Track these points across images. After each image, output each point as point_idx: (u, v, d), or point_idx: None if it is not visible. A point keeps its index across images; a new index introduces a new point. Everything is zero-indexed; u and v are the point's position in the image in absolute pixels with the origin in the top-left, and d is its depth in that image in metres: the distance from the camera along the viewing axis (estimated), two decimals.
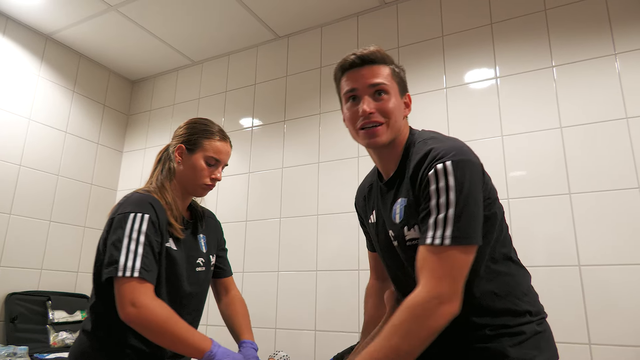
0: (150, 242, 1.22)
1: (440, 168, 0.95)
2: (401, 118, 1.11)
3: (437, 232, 0.91)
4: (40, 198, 2.72)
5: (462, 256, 0.91)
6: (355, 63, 1.09)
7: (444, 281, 0.89)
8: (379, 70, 1.08)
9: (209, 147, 1.39)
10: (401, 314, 0.90)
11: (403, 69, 1.16)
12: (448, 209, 0.92)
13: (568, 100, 1.92)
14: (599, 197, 1.78)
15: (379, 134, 1.06)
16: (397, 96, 1.10)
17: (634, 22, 1.87)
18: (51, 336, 2.52)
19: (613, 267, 1.69)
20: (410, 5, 2.42)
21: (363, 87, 1.08)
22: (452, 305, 0.89)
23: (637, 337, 1.60)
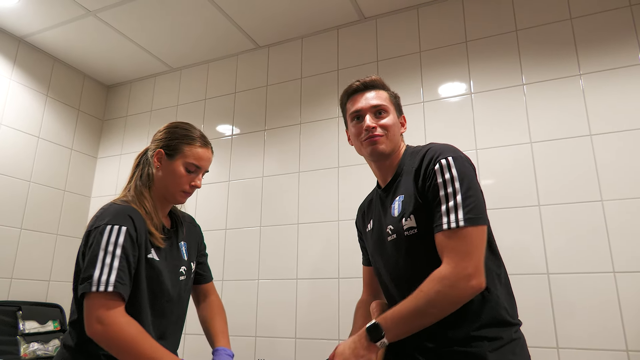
0: (127, 256, 1.19)
1: (444, 163, 1.11)
2: (399, 134, 1.30)
3: (450, 217, 1.04)
4: (10, 205, 2.64)
5: (477, 234, 1.03)
6: (359, 88, 1.31)
7: (467, 258, 1.00)
8: (379, 94, 1.29)
9: (190, 153, 1.35)
10: (430, 282, 1.01)
11: (398, 96, 1.37)
12: (456, 196, 1.06)
13: (537, 117, 2.04)
14: (565, 209, 1.89)
15: (380, 142, 1.24)
16: (395, 116, 1.30)
17: (598, 46, 2.01)
18: (22, 347, 2.44)
19: (578, 275, 1.81)
20: (390, 21, 2.50)
21: (366, 107, 1.27)
22: (479, 280, 1.00)
23: (601, 340, 1.71)
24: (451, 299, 1.00)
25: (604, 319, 1.73)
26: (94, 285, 1.13)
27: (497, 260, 1.17)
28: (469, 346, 1.04)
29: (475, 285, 1.00)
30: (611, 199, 1.82)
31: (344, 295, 2.20)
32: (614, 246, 1.78)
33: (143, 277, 1.26)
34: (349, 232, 2.23)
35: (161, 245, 1.31)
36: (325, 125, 2.50)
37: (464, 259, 1.00)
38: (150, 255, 1.28)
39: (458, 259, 1.00)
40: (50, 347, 2.55)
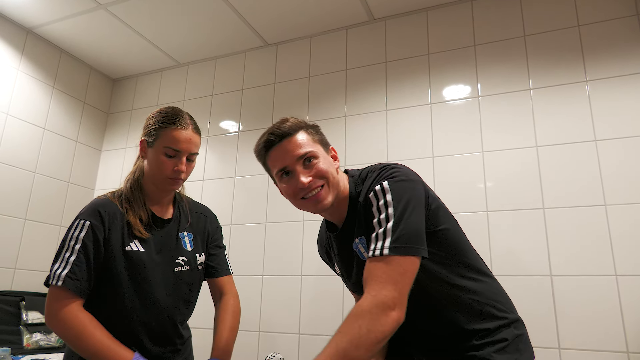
0: (85, 251, 1.20)
1: (378, 189, 1.04)
2: (335, 173, 1.14)
3: (377, 244, 0.97)
4: (15, 195, 2.64)
5: (403, 265, 0.94)
6: (274, 141, 1.13)
7: (387, 286, 0.91)
8: (300, 141, 1.12)
9: (166, 137, 1.29)
10: (348, 320, 0.91)
11: (317, 126, 1.21)
12: (387, 222, 0.98)
13: (543, 121, 2.07)
14: (569, 213, 1.92)
15: (323, 197, 1.10)
16: (324, 154, 1.15)
17: (604, 53, 2.04)
18: (25, 337, 2.45)
19: (581, 278, 1.84)
20: (399, 23, 2.53)
21: (292, 161, 1.11)
22: (397, 312, 0.91)
23: (602, 342, 1.75)
24: (374, 334, 0.88)
25: (606, 320, 1.76)
26: (51, 278, 1.17)
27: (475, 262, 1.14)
28: (476, 350, 1.04)
29: (394, 317, 0.90)
30: (614, 204, 1.86)
31: (348, 291, 2.22)
32: (617, 250, 1.81)
33: (122, 268, 1.25)
34: None
35: (143, 235, 1.29)
36: (332, 124, 2.52)
37: (384, 287, 0.91)
38: (129, 247, 1.27)
39: (378, 288, 0.91)
40: (53, 338, 2.55)
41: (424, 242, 0.99)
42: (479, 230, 2.04)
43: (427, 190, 1.09)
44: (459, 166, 2.17)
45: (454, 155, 2.20)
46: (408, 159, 2.26)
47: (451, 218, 1.13)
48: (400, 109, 2.39)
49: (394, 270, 0.93)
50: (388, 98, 2.44)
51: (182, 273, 1.36)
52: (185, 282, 1.37)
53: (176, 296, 1.35)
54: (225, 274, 1.49)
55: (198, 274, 1.43)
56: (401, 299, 0.92)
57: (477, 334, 1.05)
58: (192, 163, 1.36)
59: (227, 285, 1.48)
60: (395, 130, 2.36)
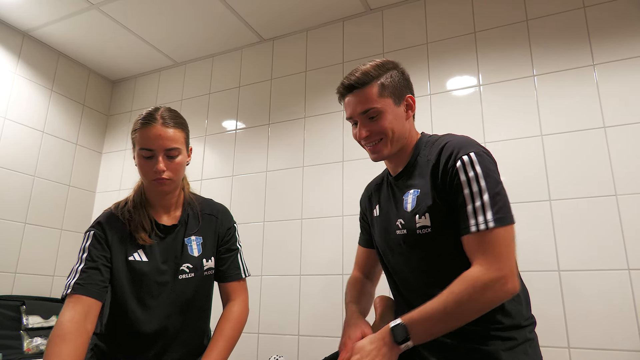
0: (92, 257, 1.22)
1: (467, 160, 1.02)
2: (402, 127, 1.17)
3: (479, 218, 0.97)
4: (15, 199, 2.64)
5: (508, 235, 0.97)
6: (344, 92, 1.17)
7: (500, 261, 0.94)
8: (365, 95, 1.13)
9: (137, 140, 1.26)
10: (461, 284, 0.94)
11: (398, 73, 1.18)
12: (482, 195, 0.99)
13: (548, 109, 1.97)
14: (577, 204, 1.82)
15: (380, 150, 1.15)
16: (392, 108, 1.15)
17: (611, 35, 1.93)
18: (25, 342, 2.43)
19: (591, 273, 1.74)
20: (396, 12, 2.44)
21: (356, 114, 1.16)
22: (513, 284, 0.94)
23: (613, 340, 1.65)
24: (484, 303, 0.94)
25: (618, 317, 1.66)
26: (64, 290, 1.19)
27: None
28: (484, 344, 1.01)
29: (510, 288, 0.94)
30: (626, 194, 1.75)
31: None
32: (629, 242, 1.71)
33: (124, 279, 1.26)
34: (354, 228, 2.18)
35: (147, 243, 1.29)
36: (330, 119, 2.45)
37: (497, 261, 0.94)
38: (132, 257, 1.28)
39: (491, 261, 0.94)
40: None
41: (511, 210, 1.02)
42: None
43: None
44: None
45: None
46: None
47: None
48: None
49: (501, 243, 0.95)
50: None
51: (188, 280, 1.32)
52: (191, 289, 1.32)
53: (179, 305, 1.31)
54: (234, 279, 1.38)
55: (206, 280, 1.37)
56: (513, 271, 0.95)
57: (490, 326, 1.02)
58: (176, 160, 1.27)
59: (235, 291, 1.38)
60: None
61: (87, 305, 1.15)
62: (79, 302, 1.14)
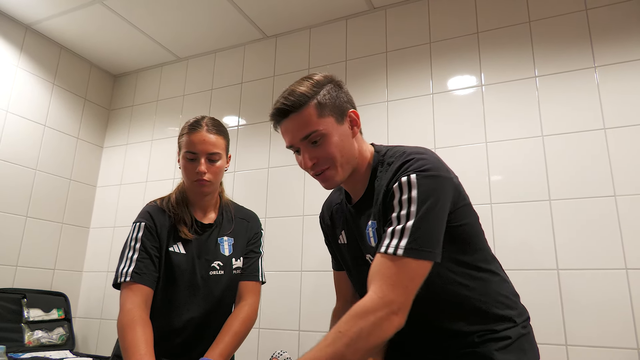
0: (145, 247, 1.32)
1: (404, 180, 0.95)
2: (350, 147, 1.06)
3: (392, 241, 0.91)
4: (16, 193, 2.64)
5: (416, 268, 0.89)
6: (278, 118, 1.06)
7: (396, 290, 0.87)
8: (303, 118, 1.02)
9: (183, 143, 1.38)
10: (350, 319, 0.87)
11: (334, 87, 1.07)
12: (407, 220, 0.92)
13: (549, 110, 1.99)
14: (577, 204, 1.85)
15: (331, 177, 1.05)
16: (335, 128, 1.04)
17: (613, 37, 1.95)
18: (26, 335, 2.45)
19: (589, 272, 1.77)
20: (399, 11, 2.46)
21: (296, 141, 1.05)
22: (400, 318, 0.87)
23: (611, 338, 1.68)
24: (374, 338, 0.85)
25: (615, 316, 1.69)
26: (119, 277, 1.28)
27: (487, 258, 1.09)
28: (477, 347, 1.00)
29: (397, 322, 0.87)
30: (625, 194, 1.78)
31: None
32: (627, 242, 1.74)
33: (164, 267, 1.35)
34: None
35: (188, 236, 1.37)
36: None
37: (393, 290, 0.87)
38: (172, 248, 1.36)
39: (387, 289, 0.87)
40: (54, 336, 2.55)
41: (440, 245, 0.93)
42: (482, 224, 1.97)
43: (457, 187, 1.03)
44: (462, 158, 2.10)
45: (457, 146, 2.13)
46: None
47: (473, 213, 1.09)
48: (402, 99, 2.32)
49: (405, 273, 0.89)
50: (389, 89, 2.37)
51: (217, 277, 1.40)
52: (221, 286, 1.41)
53: (207, 300, 1.38)
54: (251, 279, 1.45)
55: (234, 279, 1.45)
56: (406, 304, 0.88)
57: (481, 330, 1.01)
58: (216, 164, 1.38)
59: (248, 292, 1.43)
60: (396, 122, 2.30)
61: (145, 293, 1.26)
62: (139, 291, 1.25)
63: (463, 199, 1.04)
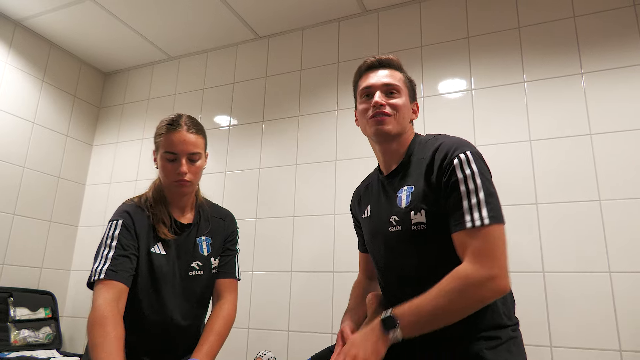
0: (122, 245, 1.28)
1: (463, 158, 1.05)
2: (408, 117, 1.23)
3: (474, 215, 0.99)
4: (4, 190, 2.61)
5: (501, 234, 0.99)
6: (374, 65, 1.25)
7: (492, 258, 0.96)
8: (394, 74, 1.23)
9: (162, 143, 1.34)
10: (452, 280, 0.96)
11: (414, 82, 1.30)
12: (478, 193, 1.01)
13: (537, 115, 2.03)
14: (562, 208, 1.88)
15: (386, 122, 1.18)
16: (407, 99, 1.23)
17: (600, 45, 1.99)
18: (12, 334, 2.42)
19: (574, 275, 1.80)
20: (391, 14, 2.48)
21: (378, 84, 1.21)
22: (505, 282, 0.96)
23: (595, 340, 1.71)
24: (475, 300, 0.95)
25: (598, 318, 1.72)
26: (92, 276, 1.24)
27: None
28: (468, 344, 1.03)
29: (502, 286, 0.95)
30: (609, 199, 1.82)
31: (339, 288, 2.19)
32: (611, 246, 1.77)
33: (144, 269, 1.33)
34: (345, 226, 2.22)
35: (168, 237, 1.36)
36: (323, 118, 2.48)
37: (489, 259, 0.95)
38: (153, 249, 1.35)
39: (483, 258, 0.95)
40: (41, 335, 2.53)
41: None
42: None
43: None
44: None
45: None
46: None
47: None
48: None
49: (497, 242, 0.97)
50: None
51: (197, 277, 1.40)
52: (200, 286, 1.41)
53: (188, 300, 1.38)
54: (228, 277, 1.46)
55: (212, 277, 1.46)
56: (505, 269, 0.97)
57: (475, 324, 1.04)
58: (196, 164, 1.36)
59: (226, 289, 1.45)
60: None
61: (118, 290, 1.22)
62: (112, 287, 1.21)
63: None
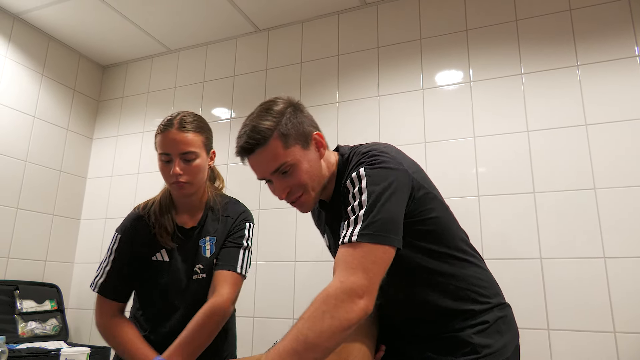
0: (116, 261, 1.35)
1: (354, 175, 1.00)
2: (319, 169, 1.10)
3: (347, 231, 0.94)
4: (7, 184, 2.63)
5: (375, 252, 0.90)
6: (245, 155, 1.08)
7: (356, 273, 0.88)
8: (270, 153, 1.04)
9: (157, 145, 1.32)
10: (313, 306, 0.87)
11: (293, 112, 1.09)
12: (360, 209, 0.94)
13: (535, 106, 2.08)
14: (559, 197, 1.95)
15: (305, 202, 1.09)
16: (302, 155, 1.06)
17: (596, 38, 2.04)
18: (19, 326, 2.46)
19: (570, 260, 1.87)
20: (391, 7, 2.51)
21: (267, 175, 1.07)
22: (366, 301, 0.86)
23: (590, 322, 1.79)
24: (339, 323, 0.83)
25: (594, 302, 1.80)
26: (92, 285, 1.37)
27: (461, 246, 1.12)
28: (457, 332, 1.04)
29: (361, 306, 0.85)
30: (604, 187, 1.88)
31: None
32: (605, 233, 1.84)
33: (149, 277, 1.36)
34: None
35: (169, 246, 1.35)
36: (324, 110, 2.52)
37: (353, 274, 0.87)
38: (155, 257, 1.36)
39: (347, 274, 0.87)
40: (48, 327, 2.56)
41: (398, 231, 0.95)
42: (470, 215, 2.06)
43: (412, 177, 1.03)
44: (450, 152, 2.18)
45: (446, 140, 2.21)
46: (400, 145, 2.22)
47: (441, 205, 1.11)
48: (393, 94, 2.38)
49: (364, 257, 0.89)
50: (380, 84, 2.43)
51: (200, 281, 1.35)
52: (204, 289, 1.34)
53: (194, 304, 1.29)
54: (224, 268, 1.32)
55: None
56: (371, 288, 0.87)
57: (460, 316, 1.05)
58: (193, 163, 1.29)
59: (221, 282, 1.29)
60: (388, 116, 2.36)
61: (112, 307, 1.35)
62: (105, 304, 1.34)
63: (424, 188, 1.06)
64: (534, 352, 1.83)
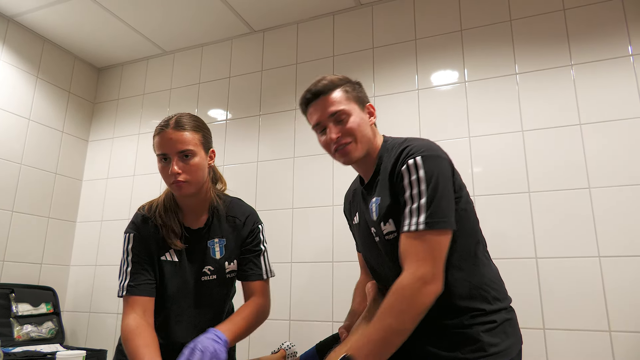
0: (136, 258, 1.33)
1: (411, 163, 1.08)
2: (368, 129, 1.22)
3: (412, 220, 1.03)
4: (2, 187, 2.62)
5: (438, 239, 1.01)
6: (310, 99, 1.23)
7: (425, 263, 0.99)
8: (332, 99, 1.20)
9: (155, 147, 1.32)
10: (391, 297, 0.99)
11: (358, 83, 1.27)
12: (420, 198, 1.04)
13: (529, 106, 2.08)
14: (554, 196, 1.95)
15: (350, 151, 1.19)
16: (358, 112, 1.21)
17: (589, 37, 2.05)
18: (15, 329, 2.45)
19: (566, 259, 1.87)
20: (386, 8, 2.51)
21: (324, 118, 1.20)
22: (436, 285, 0.99)
23: (586, 321, 1.79)
24: (415, 309, 0.97)
25: (589, 301, 1.80)
26: (118, 292, 1.32)
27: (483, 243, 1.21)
28: (465, 328, 1.07)
29: (432, 290, 0.98)
30: (598, 187, 1.89)
31: (338, 278, 2.25)
32: (600, 232, 1.85)
33: (158, 278, 1.36)
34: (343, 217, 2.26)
35: (178, 247, 1.35)
36: None
37: (422, 263, 0.98)
38: (164, 257, 1.36)
39: (417, 264, 0.99)
40: (43, 329, 2.55)
41: (453, 214, 1.05)
42: None
43: (453, 168, 1.14)
44: (446, 151, 2.18)
45: (441, 140, 2.20)
46: None
47: (470, 200, 1.19)
48: (388, 95, 2.39)
49: (431, 246, 1.00)
50: (375, 84, 2.43)
51: (209, 282, 1.37)
52: (213, 290, 1.38)
53: (203, 305, 1.36)
54: (256, 279, 1.38)
55: (228, 282, 1.42)
56: (439, 273, 1.00)
57: (469, 313, 1.08)
58: (191, 161, 1.29)
59: (258, 289, 1.38)
60: (383, 117, 2.36)
61: (142, 304, 1.28)
62: (136, 303, 1.27)
63: (458, 178, 1.16)
64: (529, 351, 1.83)
